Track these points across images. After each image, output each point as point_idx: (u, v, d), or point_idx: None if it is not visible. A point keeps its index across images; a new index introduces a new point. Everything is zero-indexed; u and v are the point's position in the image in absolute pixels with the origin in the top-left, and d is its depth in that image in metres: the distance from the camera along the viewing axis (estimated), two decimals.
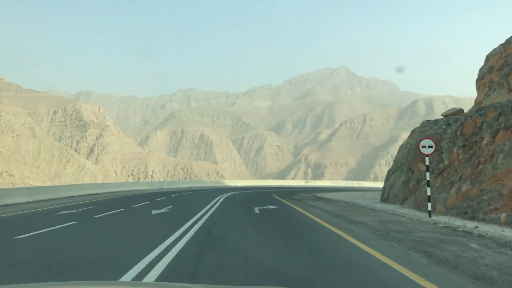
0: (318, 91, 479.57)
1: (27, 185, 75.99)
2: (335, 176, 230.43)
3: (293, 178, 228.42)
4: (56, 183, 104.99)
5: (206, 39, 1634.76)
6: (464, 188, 14.99)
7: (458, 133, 18.20)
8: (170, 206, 19.31)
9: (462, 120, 18.69)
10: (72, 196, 29.84)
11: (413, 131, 25.88)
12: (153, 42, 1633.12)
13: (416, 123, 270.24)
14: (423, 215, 15.13)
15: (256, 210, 17.14)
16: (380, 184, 77.84)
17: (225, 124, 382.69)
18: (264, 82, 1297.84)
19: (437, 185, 17.55)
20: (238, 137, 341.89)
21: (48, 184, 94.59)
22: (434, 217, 14.29)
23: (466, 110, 29.04)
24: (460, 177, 15.96)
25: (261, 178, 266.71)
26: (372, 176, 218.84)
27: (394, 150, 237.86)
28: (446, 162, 18.28)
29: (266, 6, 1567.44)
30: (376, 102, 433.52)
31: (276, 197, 28.45)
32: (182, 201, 24.20)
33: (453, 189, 15.66)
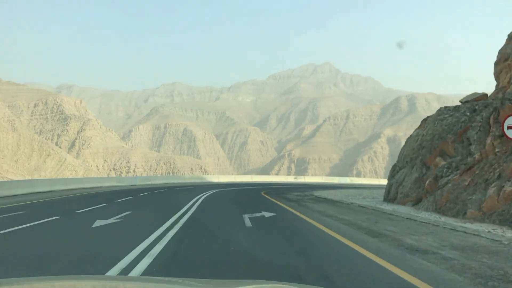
0: (302, 87, 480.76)
1: (5, 179, 74.39)
2: (318, 172, 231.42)
3: (277, 174, 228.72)
4: (36, 177, 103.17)
5: (190, 34, 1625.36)
6: (509, 189, 12.00)
7: (492, 120, 15.16)
8: (127, 213, 14.26)
9: (496, 105, 15.35)
10: (16, 195, 25.35)
11: (424, 121, 22.53)
12: (138, 36, 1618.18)
13: (399, 119, 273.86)
14: (474, 226, 11.20)
15: (247, 220, 12.11)
16: (373, 181, 76.44)
17: (209, 119, 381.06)
18: (248, 77, 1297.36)
19: (465, 183, 14.66)
20: (222, 132, 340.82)
21: (28, 178, 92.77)
22: (471, 225, 11.40)
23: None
24: (499, 175, 13.01)
25: (244, 173, 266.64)
26: (355, 172, 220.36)
27: (377, 146, 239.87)
28: (476, 156, 15.44)
29: (251, 1, 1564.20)
30: (360, 99, 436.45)
31: (267, 196, 24.33)
32: (148, 204, 19.77)
33: (492, 189, 12.69)
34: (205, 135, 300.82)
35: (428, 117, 22.54)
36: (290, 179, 67.96)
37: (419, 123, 24.10)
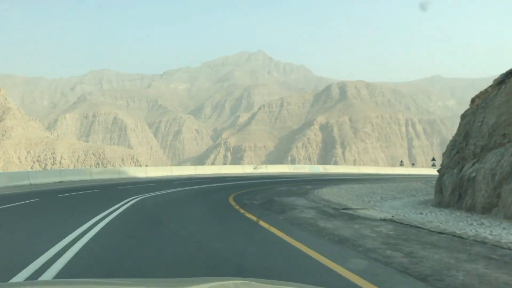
0: (236, 75, 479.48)
1: None
2: (254, 159, 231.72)
3: (213, 163, 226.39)
4: None
5: (119, 18, 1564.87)
6: None
7: None
8: None
9: None
10: None
11: (498, 86, 14.62)
12: (62, 19, 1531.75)
13: (331, 107, 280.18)
14: None
15: None
16: (350, 169, 63.92)
17: (140, 107, 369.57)
18: (181, 64, 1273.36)
19: None
20: (154, 120, 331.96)
21: None
22: None
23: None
24: None
25: (179, 162, 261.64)
26: (289, 159, 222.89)
27: (310, 133, 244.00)
28: None
29: None
30: (292, 87, 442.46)
31: (265, 225, 9.59)
32: None
33: None
34: (136, 124, 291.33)
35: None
36: (248, 169, 52.80)
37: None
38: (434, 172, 54.55)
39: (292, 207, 12.97)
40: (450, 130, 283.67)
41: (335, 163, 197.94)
